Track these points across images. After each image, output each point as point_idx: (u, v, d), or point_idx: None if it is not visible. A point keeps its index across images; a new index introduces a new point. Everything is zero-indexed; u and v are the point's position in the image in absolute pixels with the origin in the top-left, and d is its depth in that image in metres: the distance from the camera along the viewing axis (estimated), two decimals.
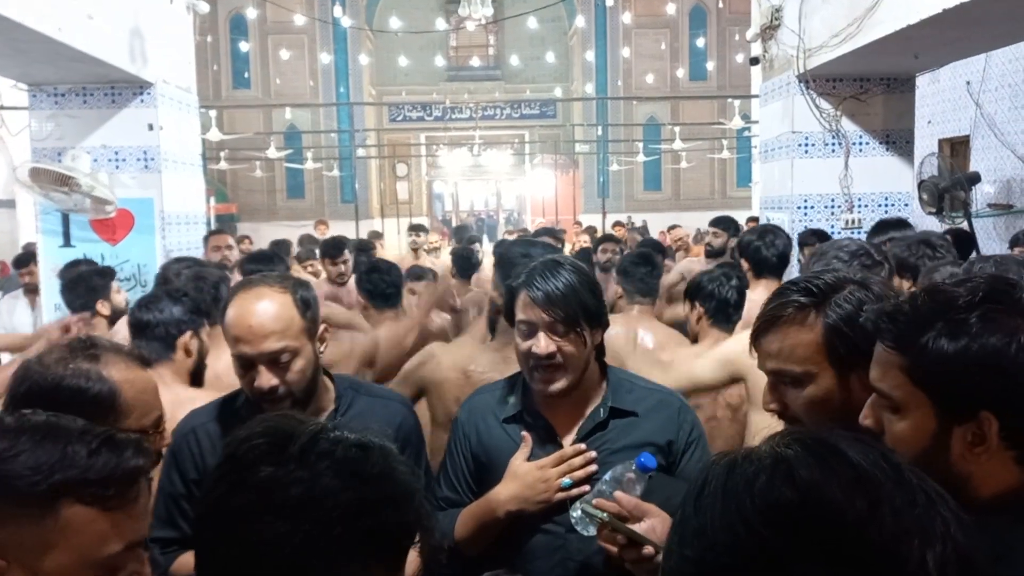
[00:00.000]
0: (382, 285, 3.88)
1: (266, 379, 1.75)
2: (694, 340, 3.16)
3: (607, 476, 1.60)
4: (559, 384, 1.76)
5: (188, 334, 2.55)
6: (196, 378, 2.63)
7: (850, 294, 1.42)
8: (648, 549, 1.42)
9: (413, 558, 1.75)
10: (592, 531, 1.55)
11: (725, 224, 6.20)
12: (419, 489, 1.02)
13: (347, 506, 0.91)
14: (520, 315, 1.79)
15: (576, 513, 1.59)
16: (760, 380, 2.13)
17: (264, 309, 1.76)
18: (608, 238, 7.12)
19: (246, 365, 1.77)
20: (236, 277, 3.80)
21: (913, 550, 0.69)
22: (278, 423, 1.00)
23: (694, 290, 3.12)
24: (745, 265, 3.86)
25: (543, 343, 1.74)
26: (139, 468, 1.07)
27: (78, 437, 1.04)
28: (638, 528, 1.46)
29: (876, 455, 0.75)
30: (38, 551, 0.97)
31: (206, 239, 5.63)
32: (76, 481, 0.99)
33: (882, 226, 4.50)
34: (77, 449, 1.02)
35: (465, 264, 5.86)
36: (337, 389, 1.98)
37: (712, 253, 6.05)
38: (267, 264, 4.05)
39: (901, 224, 4.52)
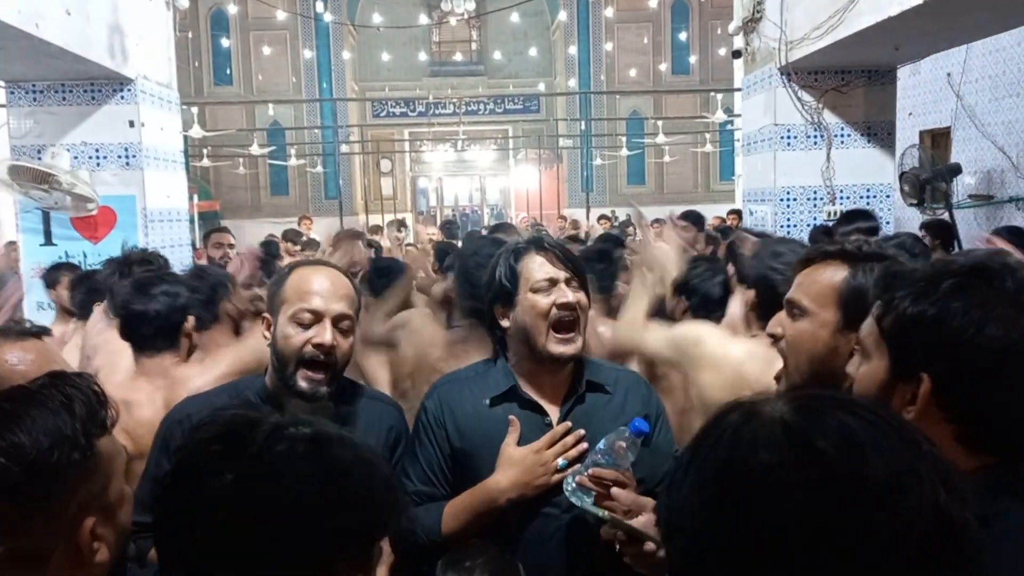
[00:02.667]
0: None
1: (330, 334, 1.79)
2: None
3: (599, 446, 1.60)
4: (576, 344, 1.80)
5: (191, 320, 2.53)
6: None
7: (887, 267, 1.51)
8: (649, 545, 1.42)
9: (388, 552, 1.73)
10: (589, 501, 1.55)
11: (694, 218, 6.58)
12: (386, 477, 0.98)
13: (311, 507, 0.88)
14: (537, 275, 1.82)
15: (570, 487, 1.59)
16: (704, 382, 2.19)
17: (338, 276, 1.89)
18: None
19: (310, 321, 1.80)
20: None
21: (875, 542, 0.69)
22: (230, 422, 0.96)
23: (681, 284, 3.14)
24: (731, 269, 3.86)
25: (569, 292, 1.80)
26: (100, 394, 1.14)
27: (42, 392, 1.09)
28: (636, 523, 1.46)
29: (858, 421, 0.75)
30: (104, 490, 1.08)
31: (206, 236, 5.65)
32: (90, 418, 1.08)
33: (850, 216, 4.55)
34: (60, 397, 1.08)
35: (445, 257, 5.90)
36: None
37: None
38: None
39: (867, 215, 4.59)
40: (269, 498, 0.88)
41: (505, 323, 1.87)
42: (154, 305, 2.45)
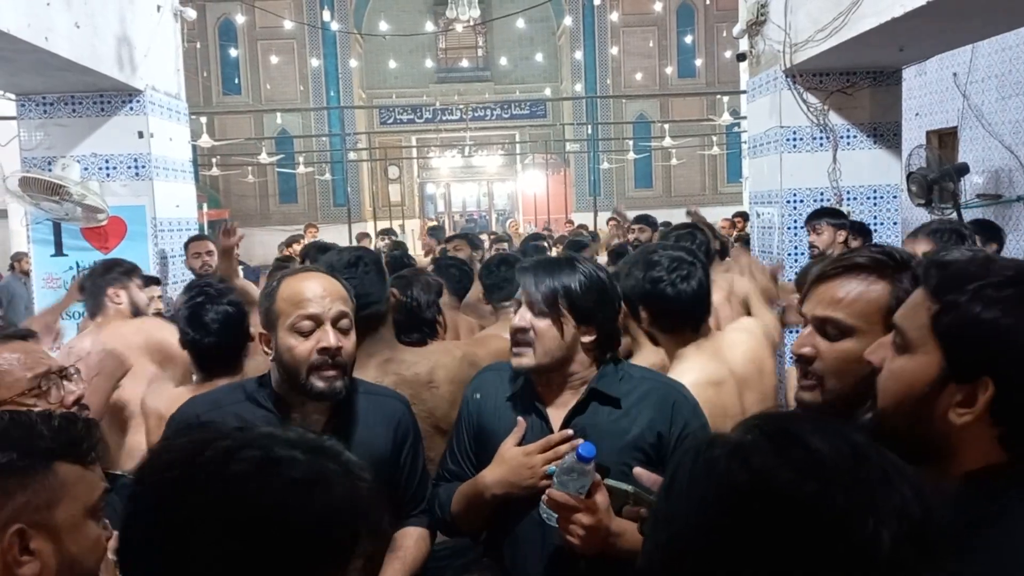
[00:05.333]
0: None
1: (334, 337, 1.80)
2: None
3: (557, 467, 1.62)
4: (524, 360, 1.83)
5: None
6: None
7: None
8: None
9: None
10: (554, 523, 1.59)
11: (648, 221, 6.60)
12: (361, 489, 0.91)
13: (275, 524, 0.84)
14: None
15: (542, 504, 1.62)
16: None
17: (326, 278, 1.90)
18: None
19: (310, 328, 1.81)
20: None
21: (867, 528, 0.71)
22: (184, 447, 0.91)
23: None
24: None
25: (518, 316, 1.85)
26: (94, 427, 1.27)
27: (37, 419, 1.22)
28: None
29: (836, 437, 0.77)
30: (48, 507, 1.15)
31: (186, 245, 5.51)
32: (62, 444, 1.18)
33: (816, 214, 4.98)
34: (34, 415, 1.22)
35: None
36: None
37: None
38: None
39: (836, 212, 5.02)
40: (231, 522, 0.84)
41: None
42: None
